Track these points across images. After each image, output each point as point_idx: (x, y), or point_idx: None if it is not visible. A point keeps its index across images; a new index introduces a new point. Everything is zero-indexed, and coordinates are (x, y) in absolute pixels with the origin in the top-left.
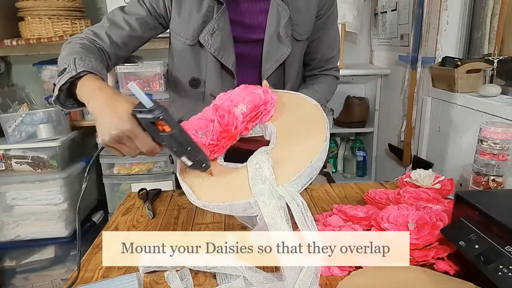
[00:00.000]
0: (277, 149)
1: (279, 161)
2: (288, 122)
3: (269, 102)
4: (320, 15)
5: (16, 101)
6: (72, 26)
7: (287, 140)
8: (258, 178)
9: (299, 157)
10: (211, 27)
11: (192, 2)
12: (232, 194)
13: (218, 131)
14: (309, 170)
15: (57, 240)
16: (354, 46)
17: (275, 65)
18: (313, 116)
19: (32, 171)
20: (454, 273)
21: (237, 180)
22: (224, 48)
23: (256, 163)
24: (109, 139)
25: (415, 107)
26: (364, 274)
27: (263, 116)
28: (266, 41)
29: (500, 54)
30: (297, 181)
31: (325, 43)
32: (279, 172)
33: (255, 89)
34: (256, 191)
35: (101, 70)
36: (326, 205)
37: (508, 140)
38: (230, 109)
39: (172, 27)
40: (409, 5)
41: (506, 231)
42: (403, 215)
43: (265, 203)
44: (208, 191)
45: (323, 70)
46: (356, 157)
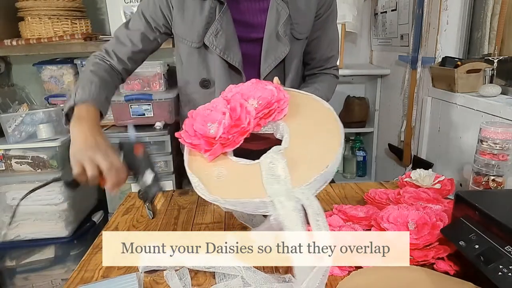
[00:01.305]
0: (291, 150)
1: (294, 162)
2: (301, 123)
3: (282, 100)
4: (320, 14)
5: (16, 101)
6: (72, 26)
7: (301, 141)
8: (273, 178)
9: (315, 160)
10: (215, 28)
11: (195, 5)
12: (246, 192)
13: (229, 124)
14: (325, 174)
15: (57, 240)
16: (354, 46)
17: (273, 63)
18: (328, 120)
19: (32, 171)
20: (454, 273)
21: (250, 177)
22: (229, 47)
23: (270, 161)
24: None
25: (415, 107)
26: (364, 274)
27: (276, 114)
28: (265, 40)
29: (500, 54)
30: (314, 185)
31: (324, 42)
32: (293, 174)
33: (267, 85)
34: (271, 191)
35: (97, 96)
36: (326, 205)
37: (508, 140)
38: (243, 103)
39: (177, 32)
40: (409, 5)
41: (506, 231)
42: (403, 215)
43: (283, 204)
44: (219, 186)
45: (323, 69)
46: (356, 157)
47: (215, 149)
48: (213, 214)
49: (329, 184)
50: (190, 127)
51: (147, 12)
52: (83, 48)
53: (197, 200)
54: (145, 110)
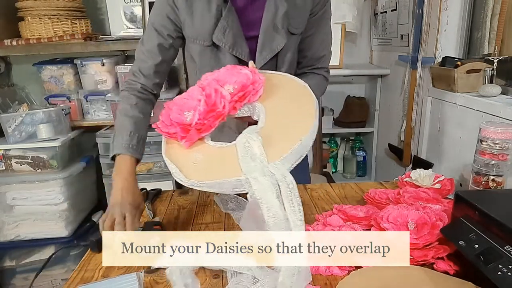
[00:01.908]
0: (267, 128)
1: (269, 139)
2: (277, 101)
3: (257, 82)
4: (315, 12)
5: (16, 101)
6: (72, 26)
7: (276, 119)
8: (248, 156)
9: (290, 135)
10: (222, 25)
11: (202, 6)
12: (222, 172)
13: (205, 110)
14: (300, 147)
15: (57, 240)
16: (354, 46)
17: (268, 56)
18: (302, 96)
19: (32, 171)
20: (454, 273)
21: (226, 158)
22: (237, 43)
23: (245, 141)
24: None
25: (415, 107)
26: (364, 274)
27: (251, 96)
28: (262, 32)
29: (500, 54)
30: (288, 159)
31: (317, 40)
32: (269, 150)
33: (242, 69)
34: (246, 168)
35: (130, 144)
36: (326, 205)
37: (507, 140)
38: (217, 89)
39: (188, 34)
40: (409, 5)
41: (505, 231)
42: (403, 215)
43: (256, 180)
44: (196, 170)
45: (313, 68)
46: (356, 157)
47: (191, 135)
48: (213, 214)
49: (329, 184)
50: (167, 117)
51: (156, 24)
52: (83, 48)
53: (197, 200)
54: None
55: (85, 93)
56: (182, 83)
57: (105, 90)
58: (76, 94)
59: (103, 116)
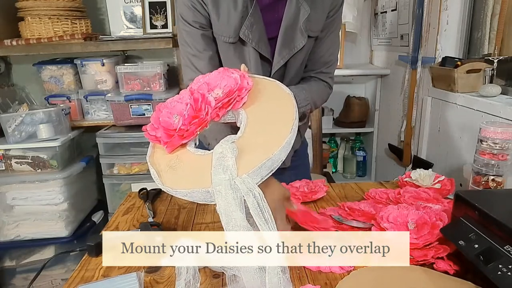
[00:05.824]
0: (244, 138)
1: (244, 151)
2: (258, 110)
3: (243, 89)
4: (330, 15)
5: (16, 101)
6: (72, 26)
7: (254, 130)
8: (221, 168)
9: (263, 148)
10: (249, 22)
11: (228, 2)
12: (194, 181)
13: (189, 115)
14: (270, 162)
15: (57, 240)
16: (354, 46)
17: (287, 55)
18: (284, 106)
19: (32, 171)
20: (453, 273)
21: (202, 167)
22: (262, 40)
23: (220, 151)
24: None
25: (415, 107)
26: (364, 274)
27: (235, 103)
28: (282, 32)
29: (500, 54)
30: (257, 173)
31: (326, 44)
32: (241, 162)
33: (232, 73)
34: (215, 180)
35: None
36: (326, 205)
37: (507, 140)
38: (204, 94)
39: (214, 29)
40: (409, 5)
41: (505, 231)
42: (403, 214)
43: (221, 193)
44: (173, 177)
45: (318, 72)
46: (356, 157)
47: (172, 141)
48: (213, 214)
49: (329, 184)
50: (156, 119)
51: (189, 20)
52: (83, 48)
53: None
54: (145, 110)
55: (85, 93)
56: (182, 83)
57: (105, 90)
58: (76, 94)
59: (103, 116)
